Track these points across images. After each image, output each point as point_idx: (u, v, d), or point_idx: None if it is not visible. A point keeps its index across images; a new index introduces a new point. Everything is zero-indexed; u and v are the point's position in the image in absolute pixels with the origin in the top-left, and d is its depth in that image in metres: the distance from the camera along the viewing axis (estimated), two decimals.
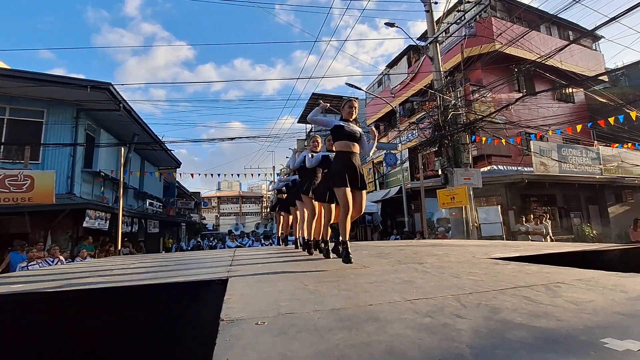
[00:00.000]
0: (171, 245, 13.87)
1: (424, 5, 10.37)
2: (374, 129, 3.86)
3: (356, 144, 3.34)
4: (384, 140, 18.38)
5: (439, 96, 10.02)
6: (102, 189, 12.75)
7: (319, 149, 4.19)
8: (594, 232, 12.43)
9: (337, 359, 1.06)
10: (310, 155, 4.00)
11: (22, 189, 8.96)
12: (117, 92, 10.78)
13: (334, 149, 3.44)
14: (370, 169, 18.78)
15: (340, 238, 3.28)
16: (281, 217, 6.31)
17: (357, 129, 3.40)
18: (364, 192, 3.38)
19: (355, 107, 3.44)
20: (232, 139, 13.61)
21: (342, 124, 3.34)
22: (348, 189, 3.16)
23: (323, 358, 1.08)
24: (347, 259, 3.07)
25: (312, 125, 25.83)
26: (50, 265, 6.27)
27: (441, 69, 10.32)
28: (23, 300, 2.31)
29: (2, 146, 10.18)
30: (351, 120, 3.41)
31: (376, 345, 1.15)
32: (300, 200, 4.39)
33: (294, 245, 5.62)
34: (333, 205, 3.71)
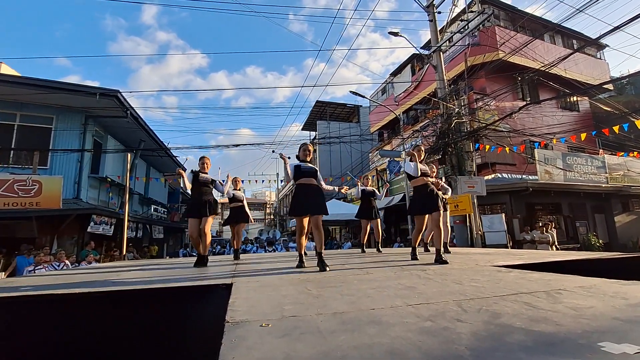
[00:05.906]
0: (156, 253, 13.99)
1: (428, 15, 10.49)
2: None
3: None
4: (387, 147, 18.43)
5: (443, 104, 10.08)
6: (110, 194, 12.89)
7: (309, 158, 3.97)
8: (600, 241, 12.28)
9: None
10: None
11: (30, 193, 9.10)
12: (125, 100, 10.96)
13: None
14: (373, 175, 18.80)
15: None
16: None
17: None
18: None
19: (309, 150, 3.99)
20: (237, 145, 13.73)
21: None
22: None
23: (325, 358, 1.11)
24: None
25: (316, 133, 25.97)
26: (56, 269, 6.34)
27: (445, 78, 10.39)
28: (33, 301, 2.35)
29: (12, 151, 10.35)
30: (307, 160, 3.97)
31: (378, 347, 1.18)
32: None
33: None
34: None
